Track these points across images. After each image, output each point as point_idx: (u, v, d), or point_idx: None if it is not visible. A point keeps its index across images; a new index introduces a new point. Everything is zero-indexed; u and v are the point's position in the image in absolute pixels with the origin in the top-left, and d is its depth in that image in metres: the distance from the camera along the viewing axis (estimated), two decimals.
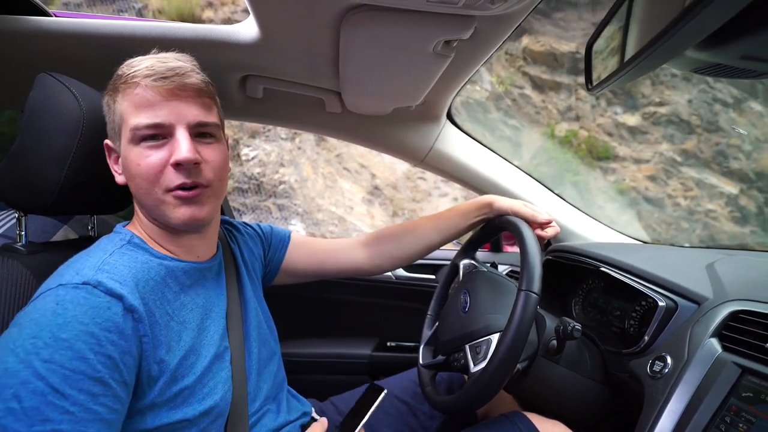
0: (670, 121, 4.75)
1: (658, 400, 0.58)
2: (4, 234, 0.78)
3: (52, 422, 0.40)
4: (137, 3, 4.56)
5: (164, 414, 0.50)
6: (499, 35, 0.66)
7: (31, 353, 0.41)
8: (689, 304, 0.67)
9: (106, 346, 0.44)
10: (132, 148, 0.53)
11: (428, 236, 0.86)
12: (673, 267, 0.77)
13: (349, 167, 4.55)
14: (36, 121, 0.59)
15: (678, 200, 4.59)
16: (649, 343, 0.69)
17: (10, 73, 0.85)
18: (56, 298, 0.45)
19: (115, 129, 0.56)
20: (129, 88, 0.53)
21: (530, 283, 0.62)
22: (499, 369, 0.60)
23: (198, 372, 0.54)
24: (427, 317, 0.92)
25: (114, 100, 0.55)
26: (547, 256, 1.08)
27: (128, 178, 0.56)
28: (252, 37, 0.73)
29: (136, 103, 0.53)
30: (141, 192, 0.55)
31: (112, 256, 0.52)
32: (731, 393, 0.53)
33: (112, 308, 0.46)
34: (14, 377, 0.40)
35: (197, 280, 0.61)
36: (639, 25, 0.49)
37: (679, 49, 0.44)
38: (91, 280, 0.47)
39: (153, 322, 0.51)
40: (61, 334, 0.42)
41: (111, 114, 0.56)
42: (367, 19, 0.59)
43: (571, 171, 4.62)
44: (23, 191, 0.60)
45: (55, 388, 0.40)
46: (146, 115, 0.52)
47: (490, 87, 4.69)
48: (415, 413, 0.87)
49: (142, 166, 0.53)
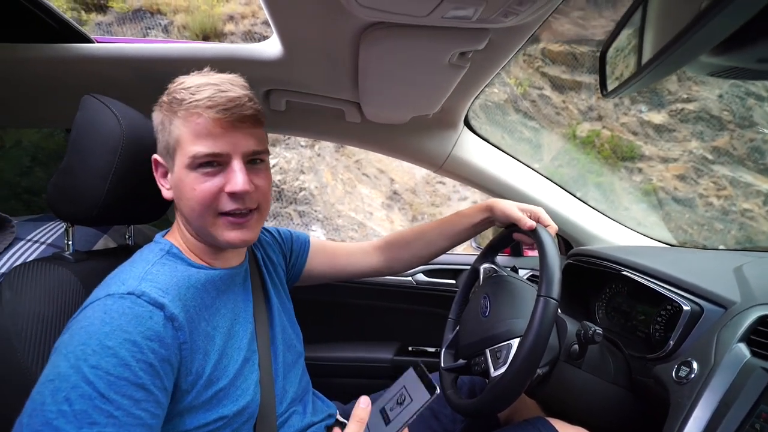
0: (700, 118, 4.58)
1: (684, 406, 0.57)
2: (53, 243, 0.83)
3: (98, 425, 0.42)
4: (163, 20, 4.77)
5: (201, 415, 0.53)
6: (513, 45, 0.67)
7: (80, 359, 0.44)
8: (716, 308, 0.66)
9: (147, 354, 0.47)
10: (188, 173, 0.56)
11: (436, 240, 0.91)
12: (699, 270, 0.76)
13: (368, 173, 4.59)
14: (81, 139, 0.64)
15: (710, 200, 4.41)
16: (674, 348, 0.68)
17: (57, 95, 0.92)
18: (104, 307, 0.48)
19: (169, 149, 0.58)
20: (190, 116, 0.55)
21: (549, 288, 0.62)
22: (519, 374, 0.61)
23: (231, 374, 0.57)
24: (448, 320, 0.93)
25: (170, 121, 0.57)
26: (567, 261, 1.07)
27: (179, 197, 0.59)
28: (276, 54, 0.76)
29: (197, 132, 0.55)
30: (193, 214, 0.58)
31: (154, 266, 0.55)
32: (761, 399, 0.52)
33: (153, 317, 0.49)
34: (66, 381, 0.43)
35: (229, 286, 0.64)
36: (654, 30, 0.49)
37: (695, 53, 0.45)
38: (136, 290, 0.50)
39: (192, 329, 0.53)
40: (107, 341, 0.45)
41: (166, 134, 0.58)
42: (384, 35, 0.61)
43: (594, 172, 4.51)
44: (71, 204, 0.64)
45: (101, 392, 0.43)
46: (205, 144, 0.55)
47: (508, 89, 4.64)
48: (437, 416, 0.88)
49: (197, 191, 0.56)
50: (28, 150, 3.48)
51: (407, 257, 0.93)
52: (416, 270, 1.39)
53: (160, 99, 0.60)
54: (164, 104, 0.58)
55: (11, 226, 0.87)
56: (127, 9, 4.73)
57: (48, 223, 0.90)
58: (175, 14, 4.75)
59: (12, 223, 0.88)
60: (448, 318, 0.94)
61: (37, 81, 0.87)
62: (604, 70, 0.61)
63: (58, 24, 0.78)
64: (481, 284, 0.87)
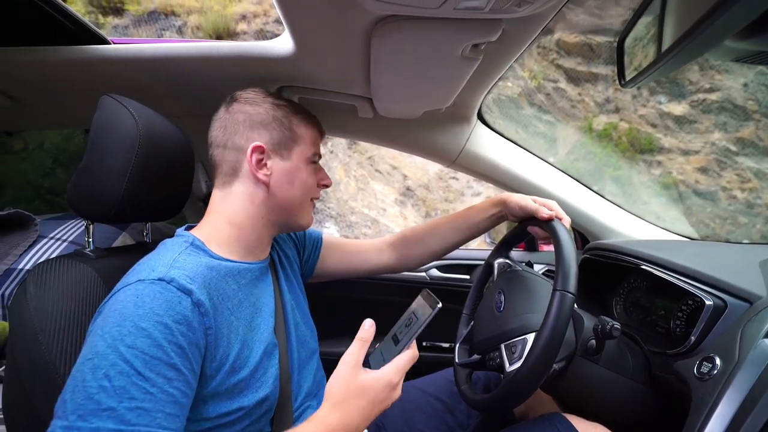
0: (723, 108, 4.42)
1: (707, 403, 0.56)
2: (74, 241, 0.86)
3: (136, 400, 0.45)
4: (177, 21, 4.84)
5: (223, 404, 0.55)
6: (527, 36, 0.66)
7: (117, 339, 0.46)
8: (740, 302, 0.64)
9: (177, 336, 0.49)
10: (306, 166, 0.70)
11: (449, 236, 0.91)
12: (722, 264, 0.73)
13: (381, 169, 4.59)
14: (99, 139, 0.65)
15: (734, 193, 4.26)
16: (696, 344, 0.66)
17: (76, 97, 0.94)
18: (136, 291, 0.50)
19: (287, 142, 0.68)
20: (310, 124, 0.71)
21: (565, 282, 0.61)
22: (534, 369, 0.60)
23: (252, 365, 0.58)
24: (462, 315, 0.93)
25: (291, 120, 0.69)
26: (584, 255, 1.05)
27: (289, 182, 0.68)
28: (287, 51, 0.77)
29: (314, 138, 0.72)
30: (300, 196, 0.70)
31: (180, 255, 0.57)
32: None
33: (182, 302, 0.51)
34: (104, 359, 0.45)
35: (250, 280, 0.66)
36: (674, 16, 0.48)
37: (719, 38, 0.43)
38: (165, 277, 0.52)
39: (217, 316, 0.55)
40: (141, 323, 0.47)
41: (284, 128, 0.68)
42: (395, 28, 0.61)
43: (612, 166, 4.41)
44: (91, 202, 0.66)
45: (138, 370, 0.46)
46: (318, 148, 0.73)
47: (522, 82, 4.57)
48: (452, 411, 0.88)
49: (311, 179, 0.71)
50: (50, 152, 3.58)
51: (420, 253, 0.93)
52: (430, 265, 1.38)
53: (248, 98, 0.68)
54: (277, 105, 0.68)
55: (35, 224, 0.90)
56: (142, 11, 4.82)
57: (69, 221, 0.93)
58: (189, 15, 4.81)
59: (36, 221, 0.91)
60: (462, 313, 0.93)
61: (57, 83, 0.90)
62: (622, 60, 0.59)
63: (75, 26, 0.80)
64: (495, 279, 0.87)
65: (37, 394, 0.55)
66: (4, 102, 0.96)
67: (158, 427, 0.45)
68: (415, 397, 0.91)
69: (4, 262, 0.83)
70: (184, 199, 0.78)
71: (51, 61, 0.82)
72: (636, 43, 0.57)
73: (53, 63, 0.82)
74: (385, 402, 0.54)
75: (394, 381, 0.55)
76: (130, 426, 0.44)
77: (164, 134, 0.69)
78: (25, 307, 0.57)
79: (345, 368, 0.54)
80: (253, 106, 0.67)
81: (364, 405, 0.53)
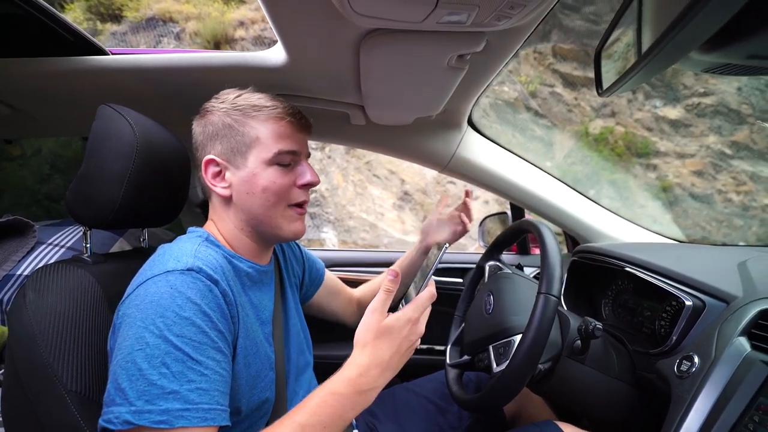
0: (717, 112, 4.46)
1: (685, 400, 0.57)
2: (72, 247, 0.88)
3: (194, 382, 0.49)
4: (175, 28, 4.88)
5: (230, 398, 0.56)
6: (510, 47, 0.68)
7: (164, 329, 0.49)
8: (718, 303, 0.66)
9: (215, 323, 0.52)
10: (266, 168, 0.63)
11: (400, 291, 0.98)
12: (703, 266, 0.76)
13: (378, 174, 4.61)
14: (98, 147, 0.67)
15: (729, 196, 4.29)
16: (676, 343, 0.68)
17: (75, 106, 0.96)
18: (168, 282, 0.52)
19: (240, 148, 0.63)
20: (269, 120, 0.63)
21: (549, 286, 0.63)
22: (519, 369, 0.62)
23: (252, 366, 0.60)
24: (454, 317, 0.95)
25: (241, 123, 0.63)
26: (572, 258, 1.07)
27: (249, 192, 0.63)
28: (280, 61, 0.79)
29: (279, 133, 0.63)
30: (265, 205, 0.63)
31: (200, 247, 0.59)
32: (760, 392, 0.52)
33: (212, 291, 0.54)
34: (158, 349, 0.48)
35: (255, 282, 0.67)
36: (647, 27, 0.50)
37: (684, 50, 0.45)
38: (194, 267, 0.54)
39: (237, 305, 0.58)
40: (183, 313, 0.50)
41: (235, 135, 0.63)
42: (383, 40, 0.63)
43: (608, 169, 4.44)
44: (89, 208, 0.67)
45: (191, 356, 0.49)
46: (287, 143, 0.64)
47: (518, 87, 4.61)
48: (444, 413, 0.90)
49: (277, 183, 0.63)
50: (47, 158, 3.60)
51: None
52: None
53: (209, 107, 0.65)
54: (229, 110, 0.64)
55: (33, 231, 0.92)
56: (140, 18, 4.86)
57: (67, 227, 0.94)
58: (187, 22, 4.85)
59: (34, 228, 0.93)
60: (454, 315, 0.95)
61: (56, 93, 0.92)
62: (599, 70, 0.61)
63: (74, 37, 0.82)
64: (485, 282, 0.89)
65: (36, 397, 0.56)
66: (4, 111, 0.98)
67: (216, 404, 0.50)
68: (408, 399, 0.92)
69: (3, 268, 0.84)
70: (180, 205, 0.80)
71: (51, 72, 0.84)
72: (613, 52, 0.59)
73: (53, 73, 0.84)
74: (409, 338, 0.56)
75: (414, 316, 0.57)
76: (194, 404, 0.48)
77: (161, 142, 0.71)
78: (24, 312, 0.58)
79: (370, 315, 0.57)
80: (208, 116, 0.65)
81: (390, 342, 0.55)
